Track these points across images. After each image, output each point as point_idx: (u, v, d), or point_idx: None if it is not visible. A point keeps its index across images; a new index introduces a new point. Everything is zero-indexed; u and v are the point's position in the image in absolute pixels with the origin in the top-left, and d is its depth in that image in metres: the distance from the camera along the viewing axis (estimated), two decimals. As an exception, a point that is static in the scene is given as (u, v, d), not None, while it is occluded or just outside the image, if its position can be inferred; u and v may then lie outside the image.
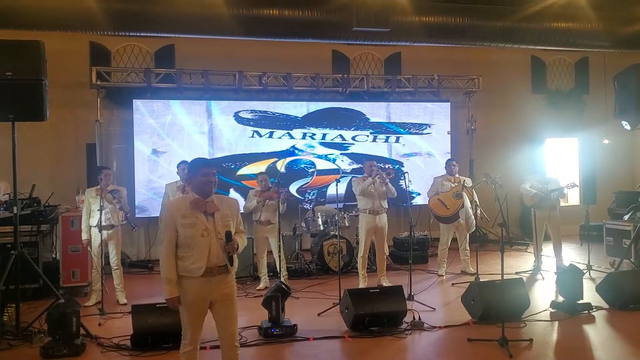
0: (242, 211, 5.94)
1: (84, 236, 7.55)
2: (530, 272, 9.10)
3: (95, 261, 7.57)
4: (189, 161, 8.24)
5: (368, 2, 7.93)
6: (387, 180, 8.01)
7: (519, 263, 10.11)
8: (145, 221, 10.66)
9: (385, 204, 8.22)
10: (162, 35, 9.99)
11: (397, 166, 11.52)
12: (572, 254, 10.42)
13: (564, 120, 13.48)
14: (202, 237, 4.11)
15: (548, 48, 10.35)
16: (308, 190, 11.37)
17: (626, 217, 10.39)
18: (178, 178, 8.03)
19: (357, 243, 9.66)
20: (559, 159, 13.46)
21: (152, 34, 9.18)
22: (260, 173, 8.98)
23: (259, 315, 6.48)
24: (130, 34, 9.59)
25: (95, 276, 7.61)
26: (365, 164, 8.32)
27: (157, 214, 10.40)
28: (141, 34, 9.71)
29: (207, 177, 4.18)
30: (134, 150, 10.60)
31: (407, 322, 6.32)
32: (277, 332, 6.03)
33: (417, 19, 8.44)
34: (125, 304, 7.58)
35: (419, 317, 6.39)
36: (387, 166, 7.94)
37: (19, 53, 5.74)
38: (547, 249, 9.73)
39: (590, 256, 9.10)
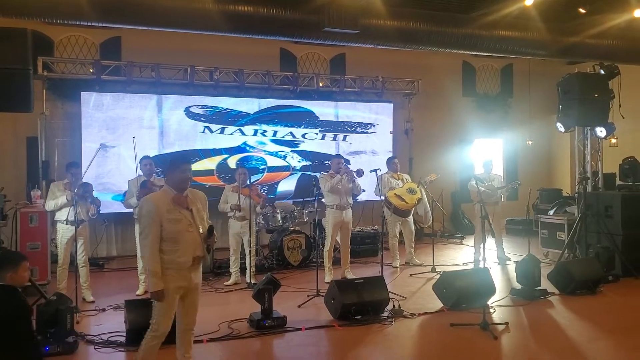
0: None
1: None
2: (472, 263, 9.71)
3: (61, 258, 7.34)
4: (151, 156, 8.29)
5: (341, 4, 8.17)
6: (355, 178, 8.30)
7: (460, 255, 10.75)
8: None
9: (350, 200, 8.51)
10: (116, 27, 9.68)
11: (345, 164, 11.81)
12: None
13: (490, 122, 14.44)
14: (188, 232, 4.30)
15: (501, 55, 11.16)
16: (259, 187, 11.42)
17: (551, 212, 11.29)
18: (136, 173, 7.87)
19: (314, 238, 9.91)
20: (486, 158, 14.33)
21: (134, 27, 8.83)
22: (240, 167, 9.04)
23: (236, 309, 6.94)
24: (80, 25, 9.19)
25: (61, 273, 7.37)
26: (333, 161, 8.55)
27: (106, 210, 10.12)
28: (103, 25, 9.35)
29: (185, 174, 4.35)
30: (82, 144, 10.23)
31: (387, 311, 6.66)
32: (269, 323, 6.16)
33: (383, 23, 8.79)
34: (92, 302, 7.41)
35: (399, 305, 6.73)
36: (358, 169, 8.27)
37: (4, 40, 5.50)
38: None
39: (522, 248, 9.86)
